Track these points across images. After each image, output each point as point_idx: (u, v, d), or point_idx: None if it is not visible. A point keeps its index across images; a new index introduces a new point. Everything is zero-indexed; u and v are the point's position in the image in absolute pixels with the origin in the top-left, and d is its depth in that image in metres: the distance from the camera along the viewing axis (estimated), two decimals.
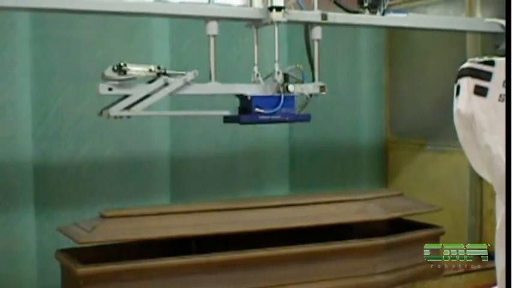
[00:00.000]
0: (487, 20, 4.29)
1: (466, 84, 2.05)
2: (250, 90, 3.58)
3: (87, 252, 3.47)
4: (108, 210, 3.55)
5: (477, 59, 2.04)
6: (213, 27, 3.47)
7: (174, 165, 4.46)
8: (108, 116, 3.31)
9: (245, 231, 3.61)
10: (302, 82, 3.70)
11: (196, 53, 4.18)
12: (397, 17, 3.98)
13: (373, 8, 3.86)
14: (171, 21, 3.92)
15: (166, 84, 3.35)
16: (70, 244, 3.49)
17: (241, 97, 3.61)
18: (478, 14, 4.58)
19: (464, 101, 2.06)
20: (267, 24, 3.54)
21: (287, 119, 3.65)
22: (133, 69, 3.22)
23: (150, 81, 3.41)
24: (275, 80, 3.55)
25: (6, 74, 3.90)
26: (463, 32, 4.46)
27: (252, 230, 3.63)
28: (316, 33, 3.71)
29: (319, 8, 3.70)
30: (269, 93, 3.58)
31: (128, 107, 3.31)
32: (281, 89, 3.57)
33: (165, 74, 3.34)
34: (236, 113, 3.70)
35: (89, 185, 4.20)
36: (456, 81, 2.10)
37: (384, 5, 3.87)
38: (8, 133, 3.92)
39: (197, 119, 4.51)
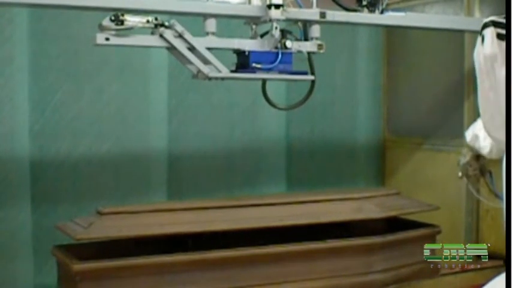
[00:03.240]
0: (486, 20, 4.28)
1: (490, 32, 2.63)
2: (248, 45, 3.57)
3: (83, 249, 3.48)
4: (104, 207, 3.55)
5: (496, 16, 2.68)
6: (211, 25, 3.47)
7: (171, 162, 4.46)
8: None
9: (241, 229, 3.61)
10: (300, 40, 3.69)
11: None
12: (395, 16, 3.98)
13: (371, 7, 3.86)
14: (170, 17, 3.91)
15: (161, 36, 3.34)
16: (67, 240, 3.49)
17: (239, 53, 3.59)
18: (477, 14, 4.57)
19: (489, 44, 2.61)
20: (265, 21, 3.54)
21: (284, 75, 3.64)
22: (131, 20, 3.22)
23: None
24: (273, 36, 3.53)
25: (4, 70, 3.90)
26: (462, 31, 4.46)
27: (248, 227, 3.63)
28: (315, 31, 3.70)
29: (317, 6, 3.69)
30: (266, 48, 3.57)
31: None
32: (279, 45, 3.55)
33: (162, 25, 3.33)
34: None
35: (86, 181, 4.20)
36: (480, 33, 2.67)
37: (382, 4, 3.87)
38: (5, 129, 3.92)
39: (195, 118, 4.53)
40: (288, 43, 3.56)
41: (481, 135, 3.25)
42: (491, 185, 3.49)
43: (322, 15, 3.69)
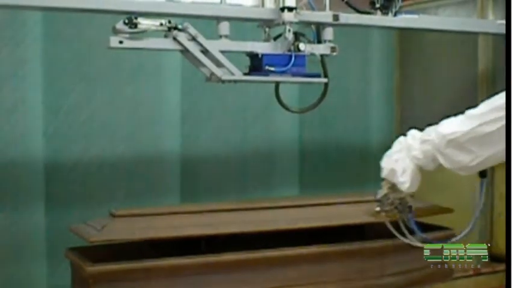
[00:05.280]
0: (499, 21, 4.28)
1: None
2: (261, 48, 3.55)
3: (97, 251, 3.47)
4: (118, 210, 3.55)
5: None
6: (224, 28, 3.47)
7: (184, 165, 4.47)
8: None
9: (255, 232, 3.61)
10: (313, 43, 3.68)
11: None
12: (408, 18, 3.97)
13: (384, 9, 3.85)
14: (183, 20, 3.93)
15: (175, 39, 3.34)
16: (80, 243, 3.50)
17: (252, 56, 3.58)
18: (490, 16, 4.57)
19: None
20: (278, 24, 3.53)
21: (298, 78, 3.62)
22: (144, 23, 3.22)
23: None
24: (286, 38, 3.52)
25: (17, 72, 3.92)
26: (475, 33, 4.45)
27: (261, 230, 3.62)
28: (328, 34, 3.70)
29: (330, 8, 3.69)
30: (280, 51, 3.56)
31: None
32: (292, 48, 3.54)
33: (175, 28, 3.33)
34: None
35: (100, 184, 4.21)
36: None
37: (395, 6, 3.86)
38: (18, 131, 3.93)
39: (208, 120, 4.54)
40: (301, 46, 3.55)
41: (398, 170, 3.03)
42: (410, 222, 3.23)
43: (335, 17, 3.69)
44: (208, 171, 4.58)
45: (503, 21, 4.23)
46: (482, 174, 3.19)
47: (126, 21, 3.20)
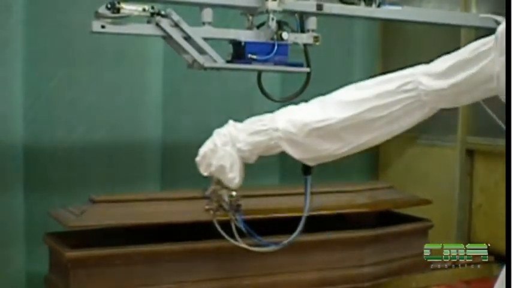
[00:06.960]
0: (482, 15, 4.29)
1: None
2: (244, 35, 3.54)
3: (75, 237, 3.47)
4: (98, 195, 3.55)
5: None
6: (208, 15, 3.45)
7: (165, 151, 4.46)
8: None
9: None
10: (296, 32, 3.67)
11: None
12: (392, 10, 3.97)
13: (368, 0, 3.86)
14: (165, 6, 3.91)
15: (158, 25, 3.31)
16: (59, 228, 3.49)
17: (235, 43, 3.56)
18: (473, 9, 4.58)
19: None
20: (262, 12, 3.52)
21: (280, 67, 3.60)
22: (127, 8, 3.20)
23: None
24: (269, 27, 3.51)
25: None
26: (458, 26, 4.46)
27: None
28: (311, 23, 3.69)
29: None
30: (263, 39, 3.54)
31: None
32: (275, 36, 3.53)
33: (158, 14, 3.31)
34: None
35: (80, 169, 4.19)
36: None
37: None
38: None
39: (190, 107, 4.52)
40: (284, 35, 3.54)
41: (227, 165, 2.82)
42: (239, 222, 2.97)
43: (319, 7, 3.68)
44: (190, 158, 4.52)
45: (486, 15, 4.25)
46: (307, 171, 2.94)
47: (109, 5, 3.17)
